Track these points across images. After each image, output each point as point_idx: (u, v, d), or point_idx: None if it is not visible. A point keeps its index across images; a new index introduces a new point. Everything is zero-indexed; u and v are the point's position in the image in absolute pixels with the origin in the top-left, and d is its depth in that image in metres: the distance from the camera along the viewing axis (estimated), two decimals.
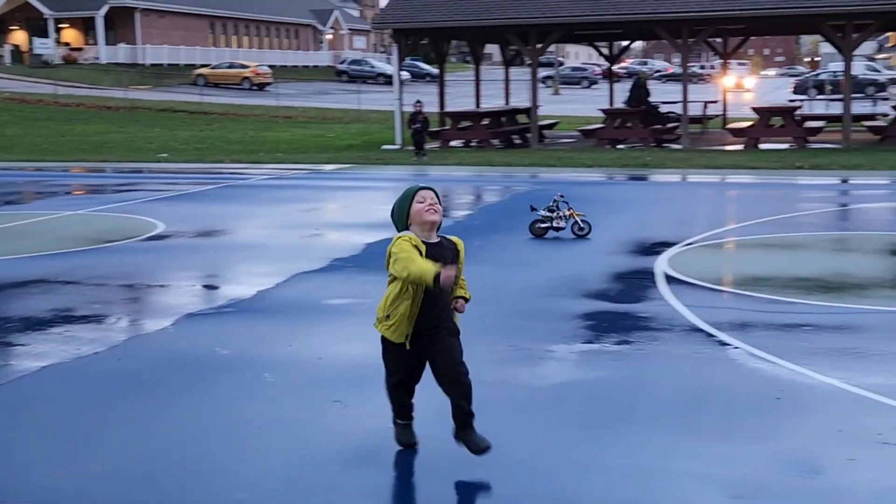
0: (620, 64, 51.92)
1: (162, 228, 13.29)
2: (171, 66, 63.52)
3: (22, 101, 44.82)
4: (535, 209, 11.83)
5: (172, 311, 8.55)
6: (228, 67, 60.18)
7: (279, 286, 9.49)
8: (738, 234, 12.23)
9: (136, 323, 8.36)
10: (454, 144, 27.64)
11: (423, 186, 4.95)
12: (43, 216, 14.74)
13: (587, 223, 11.86)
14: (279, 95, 47.17)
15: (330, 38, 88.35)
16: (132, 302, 9.21)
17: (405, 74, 48.04)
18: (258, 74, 58.89)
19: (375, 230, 12.60)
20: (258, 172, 21.63)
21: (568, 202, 11.99)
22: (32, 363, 6.98)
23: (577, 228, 11.82)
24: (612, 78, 35.49)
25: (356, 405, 5.92)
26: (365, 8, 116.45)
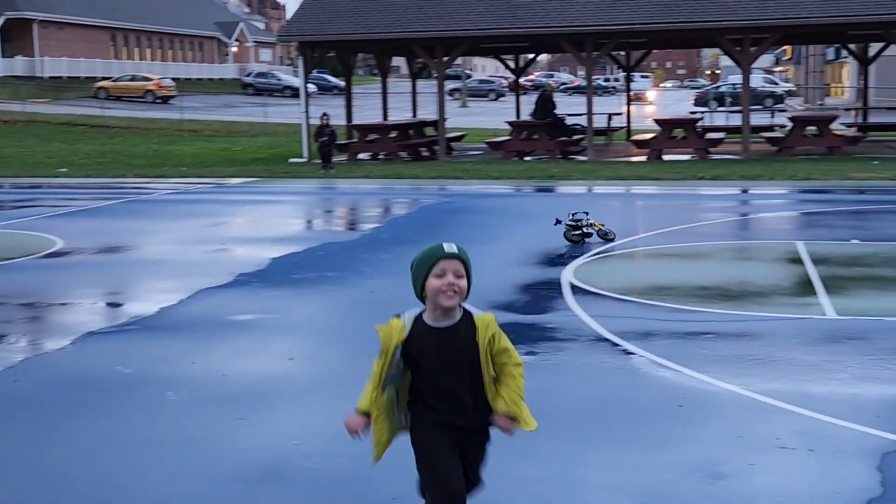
0: (527, 77, 52.53)
1: (61, 245, 12.97)
2: (71, 78, 62.10)
3: None
4: (559, 222, 12.47)
5: (72, 329, 8.33)
6: (131, 80, 59.07)
7: (183, 302, 9.32)
8: (642, 243, 12.42)
9: (34, 343, 8.13)
10: (362, 157, 27.58)
11: (446, 253, 3.78)
12: None
13: (611, 230, 12.53)
14: (184, 109, 46.44)
15: (235, 50, 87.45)
16: (30, 321, 8.96)
17: (312, 87, 47.73)
18: (162, 87, 57.92)
19: (281, 245, 12.48)
20: (162, 187, 21.27)
21: (587, 213, 12.57)
22: None
23: (601, 234, 12.46)
24: (518, 90, 35.82)
25: (260, 422, 5.84)
26: (271, 20, 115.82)
